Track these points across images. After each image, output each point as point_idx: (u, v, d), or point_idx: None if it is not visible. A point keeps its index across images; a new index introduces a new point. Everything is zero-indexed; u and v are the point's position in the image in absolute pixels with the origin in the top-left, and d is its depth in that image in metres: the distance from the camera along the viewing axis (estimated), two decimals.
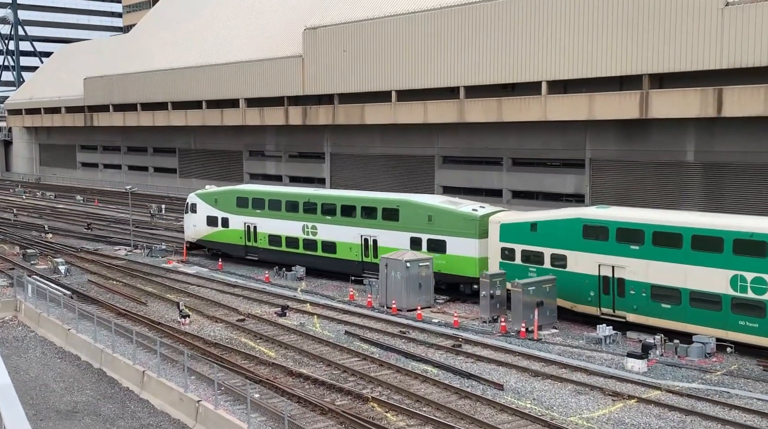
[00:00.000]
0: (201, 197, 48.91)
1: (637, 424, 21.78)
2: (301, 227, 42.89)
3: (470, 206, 37.51)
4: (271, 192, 45.76)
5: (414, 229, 37.84)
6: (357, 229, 40.25)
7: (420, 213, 37.81)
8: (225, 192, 47.99)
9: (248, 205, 45.90)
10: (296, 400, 23.81)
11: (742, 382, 24.92)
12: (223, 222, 47.30)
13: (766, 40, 41.18)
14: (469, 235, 35.83)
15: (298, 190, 46.01)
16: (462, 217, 36.31)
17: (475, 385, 25.02)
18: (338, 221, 41.12)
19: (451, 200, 39.63)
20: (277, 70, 74.69)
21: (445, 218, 36.86)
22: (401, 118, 62.92)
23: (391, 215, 38.92)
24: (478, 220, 35.76)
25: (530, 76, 53.11)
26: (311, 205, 42.62)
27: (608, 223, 30.59)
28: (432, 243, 37.12)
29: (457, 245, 36.15)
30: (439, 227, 36.93)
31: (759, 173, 44.84)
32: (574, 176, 54.34)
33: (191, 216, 49.38)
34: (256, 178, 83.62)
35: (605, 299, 30.89)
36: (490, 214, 35.96)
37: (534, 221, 33.49)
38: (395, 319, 33.66)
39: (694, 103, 44.38)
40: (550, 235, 32.61)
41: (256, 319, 34.01)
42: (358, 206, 40.45)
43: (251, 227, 45.64)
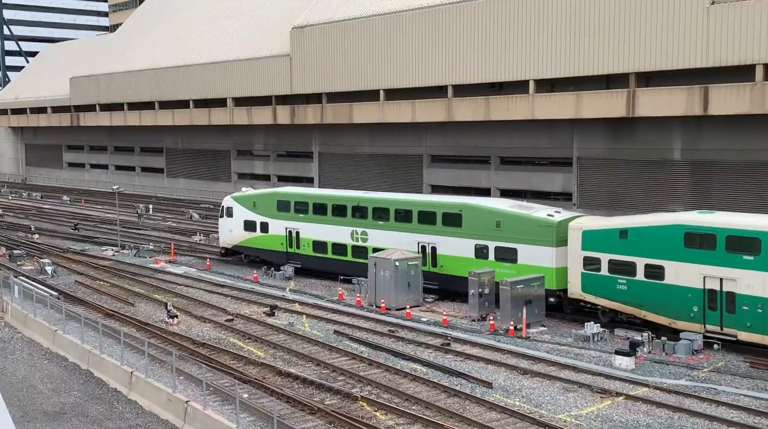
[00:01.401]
0: (238, 200, 46.10)
1: (625, 421, 21.88)
2: (350, 233, 39.92)
3: (544, 211, 34.36)
4: (316, 195, 42.87)
5: (479, 236, 34.71)
6: (413, 235, 37.23)
7: (487, 218, 34.60)
8: (265, 195, 45.20)
9: (290, 209, 42.99)
10: (285, 399, 23.77)
11: (729, 379, 25.09)
12: (262, 227, 44.39)
13: (751, 38, 41.46)
14: (545, 243, 32.55)
15: (345, 193, 42.82)
16: (536, 223, 33.04)
17: (464, 384, 25.06)
18: (392, 227, 38.16)
19: (521, 204, 36.30)
20: (264, 69, 74.51)
21: (516, 224, 33.62)
22: (389, 117, 62.93)
23: (453, 220, 35.81)
24: (555, 226, 32.50)
25: (518, 74, 53.24)
26: (361, 209, 39.69)
27: (716, 231, 27.52)
28: (500, 251, 33.99)
29: (531, 254, 32.95)
30: (509, 234, 33.74)
31: (745, 171, 45.14)
32: (562, 175, 54.53)
33: (227, 220, 46.48)
34: (244, 178, 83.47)
35: (711, 315, 27.75)
36: (568, 219, 32.81)
37: (624, 228, 30.16)
38: (384, 318, 33.66)
39: (680, 102, 44.63)
40: (644, 244, 29.36)
41: (245, 319, 33.92)
42: (414, 210, 37.39)
43: (293, 233, 42.71)
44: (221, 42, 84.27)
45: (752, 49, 41.47)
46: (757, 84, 41.35)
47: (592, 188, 52.64)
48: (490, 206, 35.20)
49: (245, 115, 77.54)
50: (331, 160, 72.82)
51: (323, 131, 72.77)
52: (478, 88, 56.63)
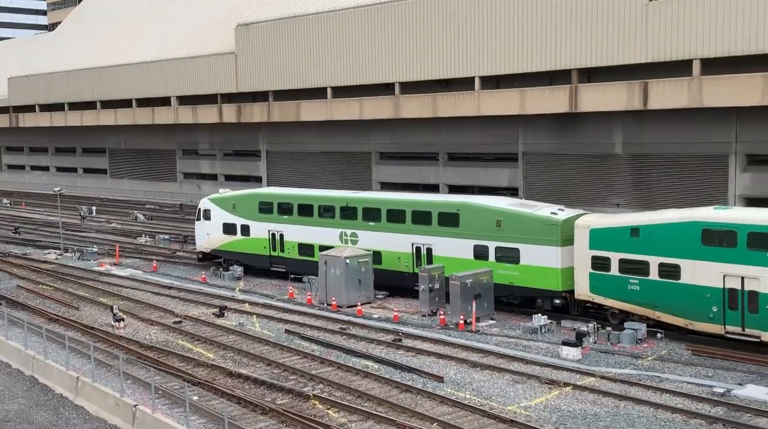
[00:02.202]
0: (216, 202, 44.17)
1: (573, 410, 22.31)
2: (339, 235, 38.35)
3: (547, 209, 33.17)
4: (301, 196, 41.08)
5: (478, 236, 33.43)
6: (407, 236, 35.84)
7: (486, 217, 33.32)
8: (245, 196, 43.29)
9: (273, 211, 41.30)
10: (236, 400, 23.60)
11: (672, 367, 25.78)
12: (243, 230, 42.60)
13: (688, 34, 42.61)
14: (550, 243, 31.32)
15: (333, 193, 41.16)
16: (540, 222, 31.84)
17: (416, 379, 25.23)
18: (384, 228, 36.73)
19: (521, 202, 35.28)
20: (209, 67, 73.64)
21: (518, 223, 32.37)
22: (337, 114, 62.87)
23: (450, 220, 34.47)
24: (560, 224, 31.31)
25: (463, 71, 53.73)
26: (350, 210, 38.14)
27: (737, 227, 26.23)
28: (501, 252, 32.73)
29: (534, 254, 31.72)
30: (510, 234, 32.48)
31: (684, 164, 46.39)
32: (508, 170, 55.24)
33: (204, 223, 44.48)
34: (190, 177, 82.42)
35: (732, 316, 26.56)
36: (573, 217, 31.65)
37: (636, 225, 28.88)
38: (335, 316, 33.65)
39: (621, 97, 45.62)
40: (657, 242, 28.12)
41: (194, 321, 33.53)
42: (408, 210, 36.01)
43: (277, 235, 41.01)
44: (164, 40, 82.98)
45: (689, 45, 42.63)
46: (694, 78, 42.52)
47: (538, 183, 53.46)
48: (490, 205, 33.92)
49: (190, 114, 76.54)
50: (280, 159, 72.41)
51: (271, 129, 72.29)
52: (425, 85, 56.98)
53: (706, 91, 42.15)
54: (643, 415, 21.79)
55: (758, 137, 43.35)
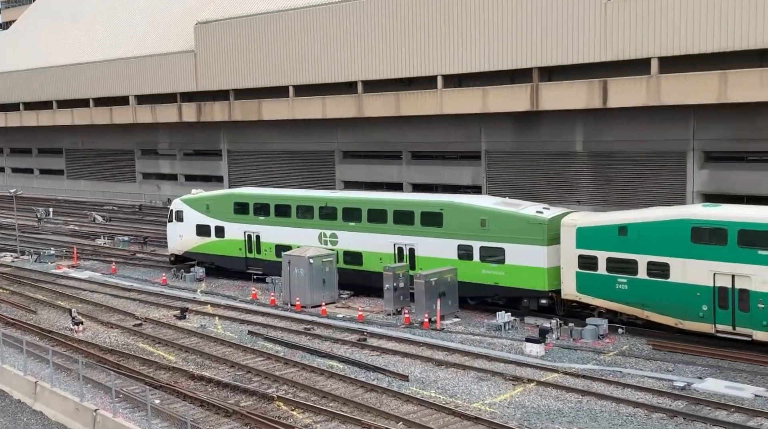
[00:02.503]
0: (189, 203, 43.04)
1: (536, 406, 22.46)
2: (318, 235, 37.53)
3: (533, 208, 32.72)
4: (278, 196, 40.13)
5: (462, 236, 32.91)
6: (389, 236, 35.19)
7: (470, 217, 32.78)
8: (219, 197, 42.25)
9: (249, 211, 40.26)
10: (199, 403, 23.30)
11: (634, 361, 26.11)
12: (217, 231, 41.52)
13: (646, 33, 43.24)
14: (536, 242, 30.89)
15: (312, 193, 40.45)
16: (525, 221, 31.35)
17: (381, 378, 25.18)
18: (365, 228, 36.01)
19: (506, 201, 34.64)
20: (168, 65, 72.72)
21: (503, 222, 31.90)
22: (299, 113, 62.55)
23: (433, 220, 33.89)
24: (546, 223, 30.87)
25: (426, 70, 53.83)
26: (330, 210, 37.34)
27: (727, 225, 25.99)
28: (486, 252, 32.25)
29: (520, 254, 31.27)
30: (495, 233, 31.99)
31: (643, 161, 47.09)
32: (471, 168, 55.52)
33: (176, 225, 43.36)
34: (150, 178, 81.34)
35: (722, 314, 26.29)
36: (559, 216, 31.28)
37: (623, 224, 28.56)
38: (299, 316, 33.44)
39: (581, 95, 46.13)
40: (646, 240, 27.78)
41: (154, 323, 33.05)
42: (389, 210, 35.34)
43: (253, 237, 40.02)
44: (122, 39, 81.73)
45: (648, 44, 43.26)
46: (652, 77, 43.16)
47: (500, 180, 53.83)
48: (474, 204, 33.42)
49: (149, 114, 75.51)
50: (242, 158, 71.81)
51: (232, 129, 71.65)
52: (389, 83, 56.97)
53: (664, 90, 42.82)
54: (605, 410, 22.03)
55: (714, 135, 44.21)
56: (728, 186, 43.87)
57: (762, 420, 20.91)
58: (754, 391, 22.91)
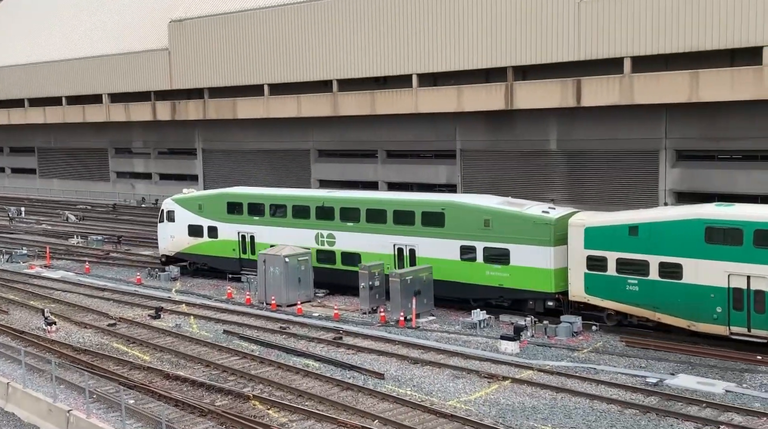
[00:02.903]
0: (180, 203, 42.16)
1: (511, 404, 22.63)
2: (314, 236, 36.94)
3: (538, 207, 32.05)
4: (273, 195, 39.38)
5: (465, 237, 32.15)
6: (388, 237, 34.47)
7: (473, 217, 32.03)
8: (212, 196, 41.37)
9: (243, 211, 39.54)
10: (174, 403, 23.18)
11: (607, 358, 26.40)
12: (210, 231, 40.70)
13: (619, 32, 43.67)
14: (542, 243, 30.15)
15: (308, 193, 39.86)
16: (531, 221, 30.64)
17: (357, 376, 25.22)
18: (363, 228, 35.33)
19: (509, 201, 33.85)
20: (142, 63, 72.11)
21: (507, 222, 31.16)
22: (274, 112, 62.35)
23: (435, 220, 33.18)
24: (552, 223, 30.11)
25: (401, 69, 53.92)
26: (327, 210, 36.64)
27: (743, 225, 25.46)
28: (490, 252, 31.50)
29: (525, 255, 30.53)
30: (499, 234, 31.25)
31: (616, 160, 47.57)
32: (446, 167, 55.71)
33: (167, 225, 42.50)
34: (123, 177, 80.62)
35: (737, 316, 25.72)
36: (566, 216, 30.54)
37: (634, 223, 27.90)
38: (275, 315, 33.37)
39: (555, 94, 46.47)
40: (658, 240, 27.14)
41: (129, 323, 32.80)
42: (389, 210, 34.60)
43: (247, 237, 39.25)
44: (95, 36, 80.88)
45: (620, 43, 43.69)
46: (625, 76, 43.61)
47: (475, 179, 54.07)
48: (477, 204, 32.68)
49: (123, 112, 74.84)
50: (216, 157, 71.42)
51: (206, 127, 71.24)
52: (363, 82, 56.98)
53: (636, 89, 43.29)
54: (579, 407, 22.25)
55: (686, 133, 44.78)
56: (700, 184, 44.46)
57: (733, 415, 21.26)
58: (725, 386, 23.27)
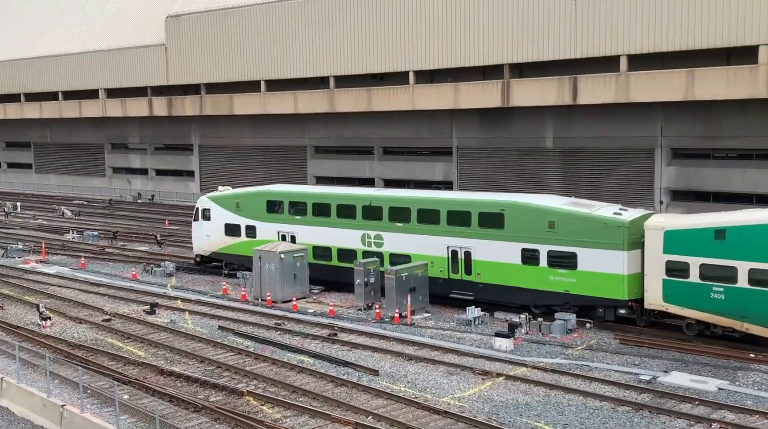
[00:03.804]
0: (216, 201, 40.55)
1: (505, 400, 22.69)
2: (360, 237, 35.24)
3: (608, 208, 30.19)
4: (316, 193, 37.69)
5: (527, 239, 30.35)
6: (442, 238, 32.73)
7: (536, 218, 30.25)
8: (251, 194, 39.69)
9: (283, 210, 37.94)
10: (168, 399, 23.20)
11: (601, 356, 26.46)
12: (248, 231, 39.09)
13: (615, 30, 43.73)
14: (614, 246, 28.32)
15: (354, 191, 37.88)
16: (602, 223, 28.83)
17: (351, 373, 25.26)
18: (414, 229, 33.62)
19: (575, 202, 31.94)
20: (139, 59, 72.01)
21: (576, 224, 29.38)
22: (271, 108, 62.33)
23: (493, 221, 31.36)
24: (626, 226, 28.31)
25: (398, 66, 53.94)
26: (374, 209, 34.90)
27: None
28: (555, 256, 29.73)
29: (595, 259, 28.78)
30: (566, 236, 29.47)
31: (612, 158, 47.66)
32: (443, 164, 55.76)
33: (203, 224, 40.77)
34: (120, 172, 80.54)
35: None
36: (640, 218, 28.83)
37: (720, 227, 25.91)
38: (270, 311, 33.39)
39: (551, 92, 46.53)
40: (747, 245, 25.26)
41: (124, 319, 32.80)
42: (443, 210, 32.83)
43: (288, 237, 37.61)
44: (92, 31, 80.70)
45: (617, 41, 43.76)
46: (621, 74, 43.68)
47: (471, 176, 54.12)
48: (541, 204, 30.78)
49: (119, 107, 74.76)
50: (213, 153, 71.37)
51: (203, 123, 71.18)
52: (360, 79, 56.98)
53: (633, 87, 43.37)
54: (572, 404, 22.31)
55: (682, 132, 44.86)
56: (695, 182, 44.58)
57: (725, 412, 21.33)
58: (718, 384, 23.35)
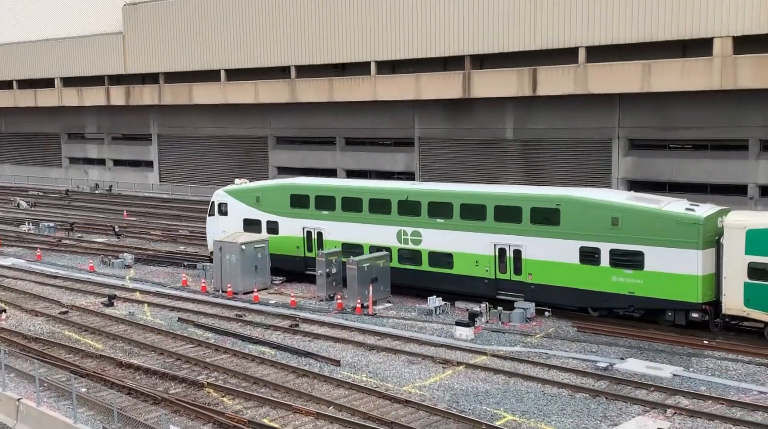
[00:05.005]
0: (234, 195, 38.09)
1: (465, 389, 22.91)
2: (396, 233, 33.11)
3: (678, 204, 28.31)
4: (346, 187, 35.62)
5: (586, 237, 28.38)
6: (487, 235, 30.69)
7: (597, 214, 28.27)
8: (272, 188, 37.41)
9: (309, 205, 35.60)
10: (127, 391, 22.95)
11: (559, 343, 26.85)
12: (269, 227, 36.75)
13: (574, 22, 44.20)
14: (687, 245, 26.39)
15: (388, 185, 35.67)
16: (673, 220, 26.90)
17: (313, 363, 25.26)
18: (456, 226, 31.52)
19: (639, 196, 29.92)
20: (96, 47, 70.78)
21: (643, 221, 27.43)
22: (232, 97, 61.78)
23: (547, 217, 29.40)
24: (701, 223, 26.37)
25: (360, 56, 53.84)
26: (412, 204, 32.74)
27: None
28: (619, 255, 27.79)
29: (665, 258, 26.85)
30: (631, 234, 27.51)
31: (570, 148, 48.27)
32: (405, 154, 55.89)
33: (219, 219, 38.36)
34: (77, 162, 79.19)
35: None
36: (715, 214, 26.92)
37: None
38: (231, 302, 33.19)
39: (511, 83, 46.90)
40: None
41: (81, 311, 32.33)
42: (489, 205, 30.77)
43: (314, 233, 35.46)
44: (47, 19, 79.05)
45: (576, 33, 44.25)
46: (580, 66, 44.19)
47: (433, 167, 54.36)
48: (602, 199, 28.83)
49: (75, 96, 73.44)
50: (172, 143, 70.53)
51: (162, 112, 70.27)
52: (322, 69, 56.75)
53: (591, 78, 43.92)
54: (531, 391, 22.62)
55: (638, 123, 45.60)
56: (652, 173, 45.37)
57: (680, 398, 21.81)
58: (672, 370, 23.85)
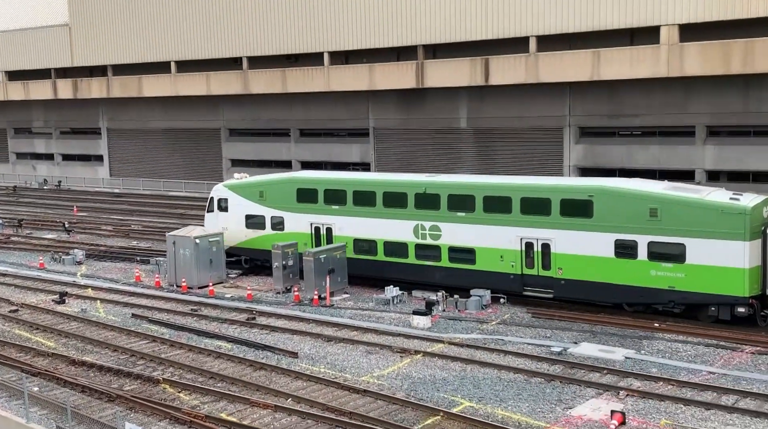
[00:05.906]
0: (235, 190, 36.62)
1: (423, 377, 23.08)
2: (413, 228, 31.71)
3: (720, 193, 27.23)
4: (358, 180, 34.00)
5: (622, 229, 27.15)
6: (513, 229, 29.34)
7: (634, 205, 27.02)
8: (277, 181, 35.72)
9: (318, 199, 34.10)
10: (80, 389, 22.59)
11: (515, 330, 27.21)
12: (274, 223, 35.32)
13: (525, 11, 44.59)
14: (733, 236, 25.32)
15: (404, 177, 33.92)
16: (717, 210, 25.70)
17: (270, 356, 25.17)
18: (479, 219, 30.12)
19: (678, 186, 28.57)
20: (41, 39, 69.11)
21: (684, 212, 26.22)
22: (182, 89, 60.94)
23: (579, 209, 28.06)
24: (748, 213, 25.21)
25: (312, 46, 53.55)
26: (430, 197, 31.27)
27: None
28: (658, 249, 26.58)
29: (708, 251, 25.73)
30: (671, 226, 26.33)
31: (523, 136, 48.79)
32: (360, 145, 55.84)
33: (218, 216, 37.06)
34: (24, 158, 77.34)
35: None
36: (761, 204, 25.82)
37: None
38: (186, 297, 32.85)
39: (464, 72, 47.16)
40: None
41: (32, 309, 31.66)
42: (515, 197, 29.34)
43: (323, 229, 34.02)
44: None
45: (526, 22, 44.66)
46: (531, 55, 44.64)
47: (388, 157, 54.43)
48: (639, 189, 27.48)
49: (21, 90, 71.66)
50: (122, 136, 69.33)
51: (111, 106, 69.00)
52: (275, 60, 56.30)
53: (542, 67, 44.40)
54: (488, 377, 22.90)
55: (588, 111, 46.30)
56: (602, 160, 46.13)
57: (632, 380, 22.30)
58: (625, 353, 24.37)
